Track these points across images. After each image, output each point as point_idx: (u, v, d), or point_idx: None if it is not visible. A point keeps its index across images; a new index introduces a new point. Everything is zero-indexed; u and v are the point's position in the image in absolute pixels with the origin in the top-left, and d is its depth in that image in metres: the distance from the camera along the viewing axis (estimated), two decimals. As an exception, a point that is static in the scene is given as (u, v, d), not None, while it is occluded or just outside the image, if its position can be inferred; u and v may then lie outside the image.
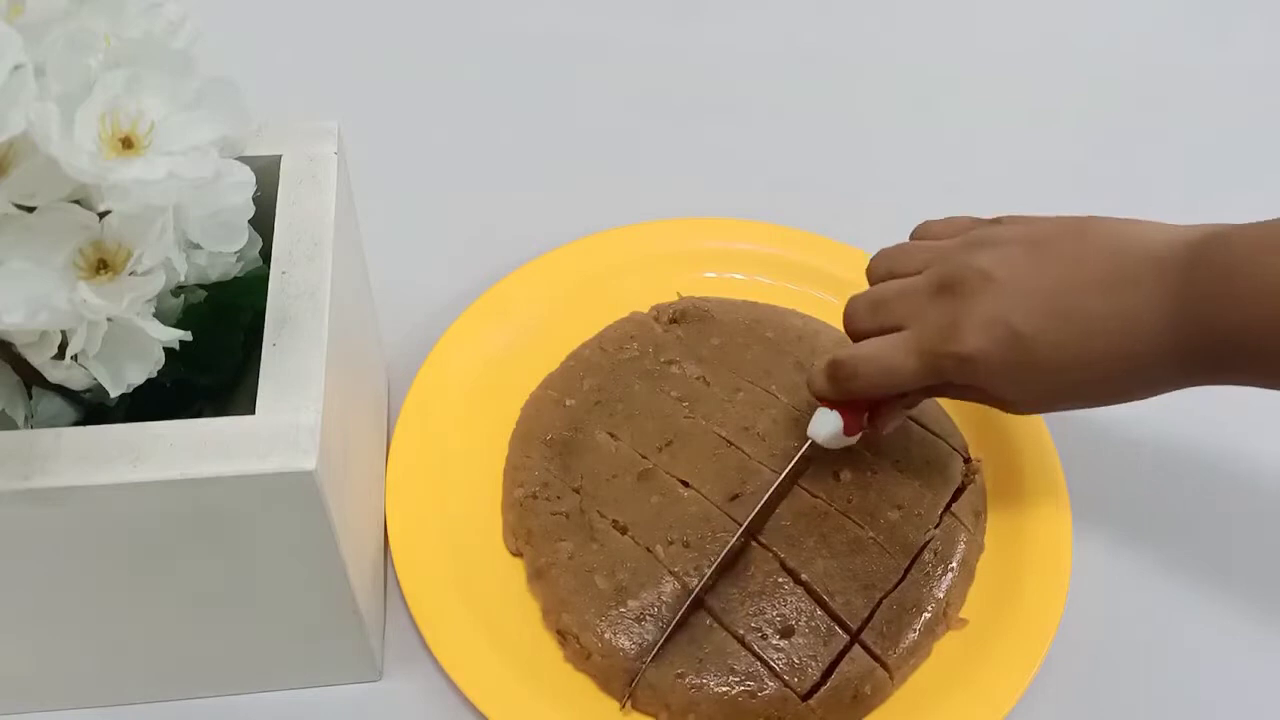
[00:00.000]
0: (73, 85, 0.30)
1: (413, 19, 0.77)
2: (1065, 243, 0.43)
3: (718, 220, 0.62)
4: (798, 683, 0.44)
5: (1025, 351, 0.41)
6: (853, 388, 0.46)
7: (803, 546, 0.47)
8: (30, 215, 0.30)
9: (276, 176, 0.41)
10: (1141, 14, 0.82)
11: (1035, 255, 0.43)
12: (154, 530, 0.35)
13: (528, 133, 0.70)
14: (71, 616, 0.39)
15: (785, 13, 0.79)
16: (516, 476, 0.50)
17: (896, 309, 0.45)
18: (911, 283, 0.45)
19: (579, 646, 0.45)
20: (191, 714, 0.44)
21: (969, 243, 0.45)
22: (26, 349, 0.33)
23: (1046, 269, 0.42)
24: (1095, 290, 0.41)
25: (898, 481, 0.50)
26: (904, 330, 0.44)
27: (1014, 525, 0.50)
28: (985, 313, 0.42)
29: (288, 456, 0.33)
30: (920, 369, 0.43)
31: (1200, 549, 0.51)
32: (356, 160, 0.45)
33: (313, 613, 0.41)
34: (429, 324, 0.56)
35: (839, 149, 0.70)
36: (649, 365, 0.54)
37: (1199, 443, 0.55)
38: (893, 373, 0.44)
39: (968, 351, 0.42)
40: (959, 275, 0.43)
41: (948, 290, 0.43)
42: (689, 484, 0.49)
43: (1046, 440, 0.52)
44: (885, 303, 0.46)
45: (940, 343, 0.43)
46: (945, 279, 0.44)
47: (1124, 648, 0.48)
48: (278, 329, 0.36)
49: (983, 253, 0.43)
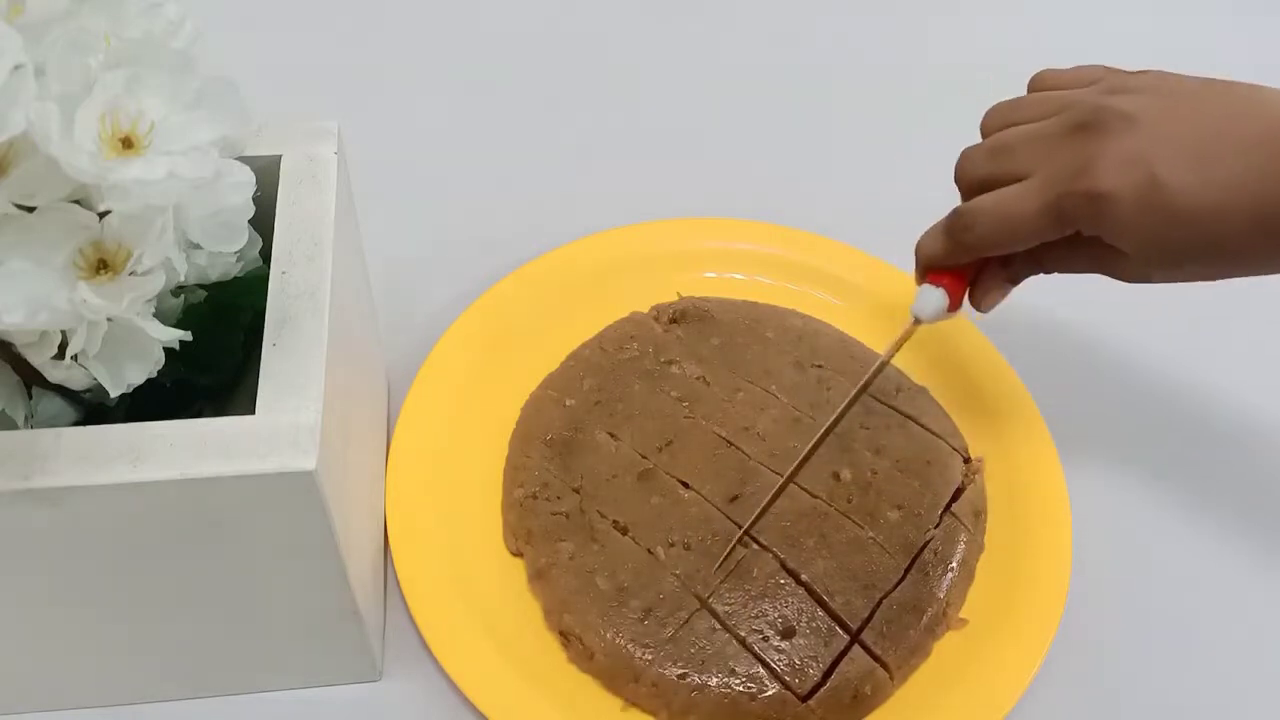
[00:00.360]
0: (73, 85, 0.30)
1: (412, 19, 0.77)
2: (1210, 98, 0.42)
3: (718, 220, 0.62)
4: (798, 684, 0.44)
5: (1162, 197, 0.40)
6: (969, 240, 0.44)
7: (803, 547, 0.47)
8: (30, 215, 0.30)
9: (276, 176, 0.41)
10: (1141, 14, 0.82)
11: (1180, 105, 0.41)
12: (154, 530, 0.35)
13: (528, 133, 0.70)
14: (71, 616, 0.39)
15: (786, 13, 0.80)
16: (516, 476, 0.50)
17: (1022, 154, 0.43)
18: (1040, 126, 0.43)
19: (582, 647, 0.45)
20: (191, 714, 0.44)
21: (1108, 88, 0.43)
22: (26, 349, 0.33)
23: (1191, 120, 0.41)
24: (1239, 148, 0.40)
25: (898, 481, 0.50)
26: (1029, 178, 0.42)
27: (1014, 525, 0.50)
28: (1125, 152, 0.40)
29: (288, 456, 0.33)
30: (1043, 214, 0.42)
31: (1201, 549, 0.51)
32: (356, 160, 0.45)
33: (313, 613, 0.41)
34: (429, 324, 0.56)
35: (839, 149, 0.70)
36: (649, 365, 0.54)
37: (1200, 443, 0.56)
38: (1013, 220, 0.42)
39: (1102, 189, 0.40)
40: (1098, 116, 0.41)
41: (1084, 130, 0.41)
42: (689, 484, 0.49)
43: (1046, 440, 0.52)
44: (1009, 148, 0.44)
45: (1071, 180, 0.41)
46: (1082, 119, 0.42)
47: (1124, 648, 0.48)
48: (278, 329, 0.36)
49: (1124, 97, 0.42)
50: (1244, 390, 0.58)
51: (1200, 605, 0.50)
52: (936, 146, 0.70)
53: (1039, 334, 0.59)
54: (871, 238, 0.60)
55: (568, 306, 0.57)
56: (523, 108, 0.71)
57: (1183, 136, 0.40)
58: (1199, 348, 0.59)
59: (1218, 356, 0.59)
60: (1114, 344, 0.58)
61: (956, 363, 0.55)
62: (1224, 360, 0.59)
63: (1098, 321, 0.60)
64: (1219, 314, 0.61)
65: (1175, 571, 0.51)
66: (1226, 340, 0.60)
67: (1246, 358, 0.59)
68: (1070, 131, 0.42)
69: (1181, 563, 0.51)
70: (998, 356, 0.55)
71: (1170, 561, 0.51)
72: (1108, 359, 0.58)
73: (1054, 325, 0.51)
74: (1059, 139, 0.42)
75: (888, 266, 0.59)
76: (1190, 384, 0.58)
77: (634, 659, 0.44)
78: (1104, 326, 0.60)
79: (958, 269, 0.46)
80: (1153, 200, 0.40)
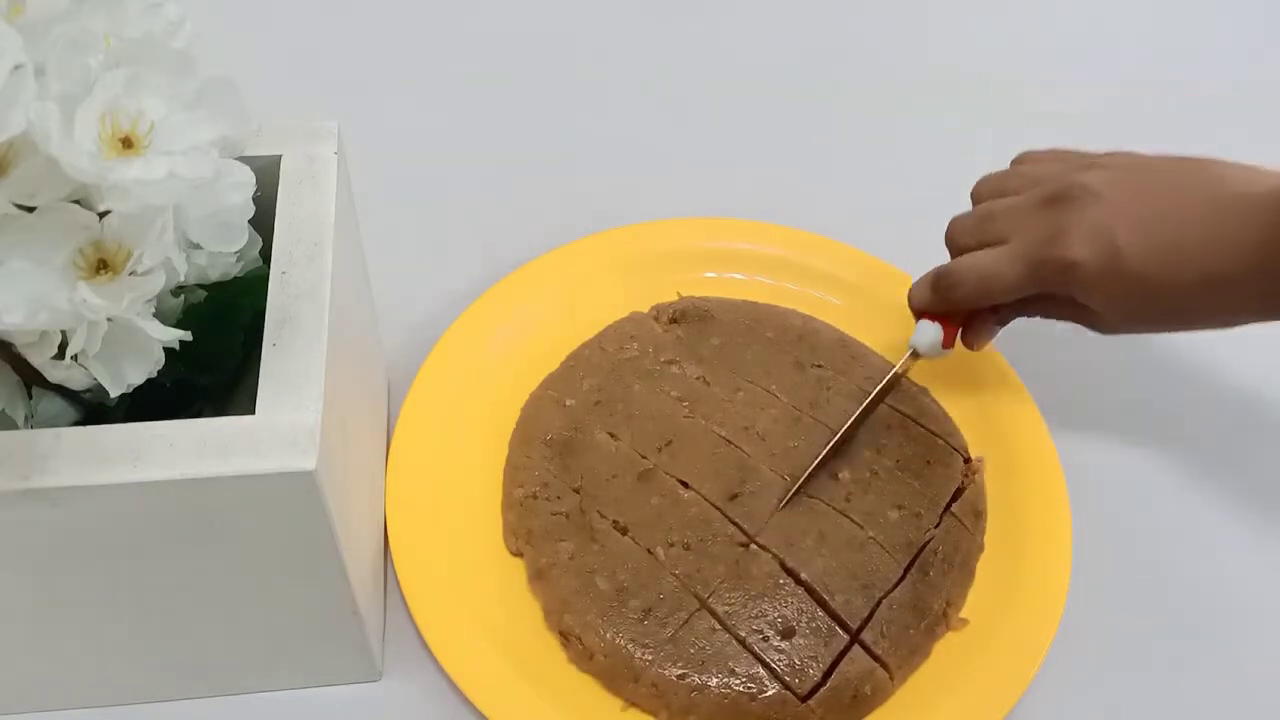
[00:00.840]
0: (73, 85, 0.30)
1: (412, 19, 0.77)
2: (1171, 174, 0.46)
3: (718, 220, 0.62)
4: (798, 684, 0.44)
5: (1123, 267, 0.44)
6: (954, 296, 0.48)
7: (802, 547, 0.47)
8: (30, 215, 0.30)
9: (276, 176, 0.41)
10: (1141, 15, 0.82)
11: (1141, 180, 0.46)
12: (154, 530, 0.35)
13: (527, 133, 0.70)
14: (71, 616, 0.39)
15: (787, 13, 0.80)
16: (516, 476, 0.50)
17: (1002, 222, 0.48)
18: (1018, 199, 0.48)
19: (582, 647, 0.45)
20: (191, 714, 0.44)
21: (1077, 165, 0.48)
22: (26, 349, 0.33)
23: (1151, 194, 0.45)
24: (1193, 221, 0.44)
25: (898, 481, 0.50)
26: (1007, 244, 0.47)
27: (1014, 525, 0.50)
28: (1091, 223, 0.45)
29: (288, 456, 0.33)
30: (1021, 276, 0.46)
31: (1201, 549, 0.51)
32: (356, 160, 0.45)
33: (313, 613, 0.41)
34: (429, 324, 0.56)
35: (839, 149, 0.70)
36: (649, 365, 0.54)
37: (1200, 443, 0.56)
38: (994, 280, 0.47)
39: (1071, 257, 0.45)
40: (1068, 191, 0.46)
41: (1055, 203, 0.46)
42: (689, 484, 0.49)
43: (1046, 440, 0.52)
44: (991, 217, 0.48)
45: (1045, 248, 0.46)
46: (1054, 194, 0.46)
47: (1124, 648, 0.48)
48: (278, 329, 0.36)
49: (1092, 174, 0.47)
50: (1244, 390, 0.58)
51: (1200, 605, 0.50)
52: (936, 147, 0.70)
53: (1039, 334, 0.59)
54: (871, 238, 0.60)
55: (568, 306, 0.57)
56: (522, 107, 0.71)
57: (1143, 211, 0.45)
58: (1199, 348, 0.59)
59: (1218, 357, 0.59)
60: (1114, 344, 0.58)
61: (956, 363, 0.55)
62: (1224, 361, 0.59)
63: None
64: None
65: (1175, 571, 0.51)
66: (1227, 340, 0.60)
67: (1246, 358, 0.59)
68: (1044, 204, 0.47)
69: (1181, 562, 0.51)
70: (998, 356, 0.55)
71: (1170, 561, 0.51)
72: (1108, 359, 0.58)
73: (1054, 326, 0.51)
74: (1034, 210, 0.47)
75: (888, 266, 0.59)
76: (1191, 384, 0.58)
77: (634, 659, 0.44)
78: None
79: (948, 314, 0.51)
80: (1115, 266, 0.45)
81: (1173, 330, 0.48)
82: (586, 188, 0.66)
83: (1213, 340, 0.59)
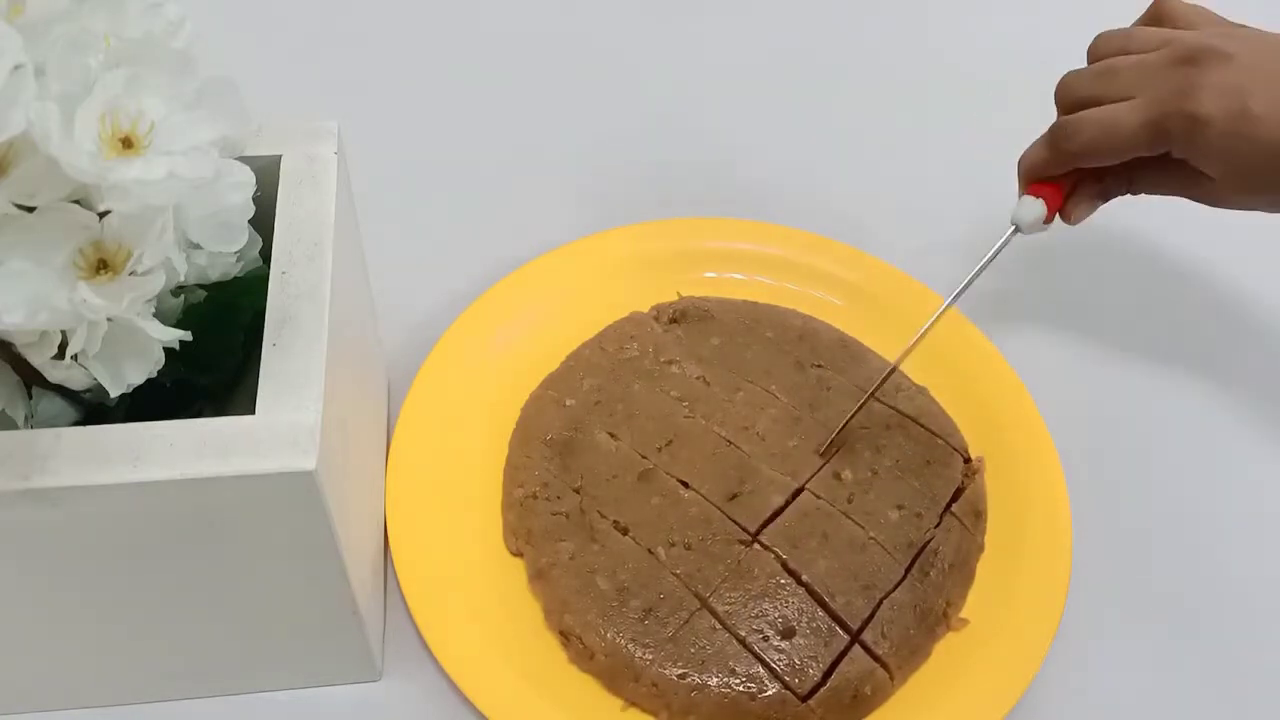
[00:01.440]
0: (73, 85, 0.30)
1: (412, 19, 0.77)
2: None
3: (718, 220, 0.62)
4: (798, 684, 0.44)
5: (1251, 127, 0.44)
6: (1071, 147, 0.47)
7: (804, 547, 0.47)
8: (30, 215, 0.30)
9: (276, 176, 0.40)
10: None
11: (1274, 49, 0.46)
12: (154, 530, 0.35)
13: (527, 133, 0.70)
14: (71, 616, 0.39)
15: (787, 13, 0.80)
16: (516, 476, 0.50)
17: (1127, 77, 0.47)
18: (1147, 56, 0.47)
19: (583, 647, 0.45)
20: (191, 714, 0.44)
21: (1210, 33, 0.47)
22: (26, 349, 0.33)
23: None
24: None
25: (898, 481, 0.50)
26: (1131, 100, 0.46)
27: (1014, 525, 0.50)
28: (1224, 83, 0.44)
29: (288, 456, 0.33)
30: (1143, 129, 0.45)
31: (1200, 549, 0.51)
32: (356, 160, 0.45)
33: (313, 613, 0.41)
34: (429, 324, 0.56)
35: (840, 149, 0.70)
36: (649, 365, 0.54)
37: (1200, 443, 0.56)
38: (1115, 130, 0.46)
39: (1202, 113, 0.44)
40: (1202, 51, 0.45)
41: (1188, 62, 0.45)
42: (689, 484, 0.49)
43: (1046, 440, 0.52)
44: (1114, 72, 0.47)
45: (1172, 101, 0.45)
46: (1187, 53, 0.46)
47: (1124, 648, 0.48)
48: (278, 329, 0.36)
49: (1225, 39, 0.46)
50: (1244, 391, 0.58)
51: (1200, 605, 0.50)
52: (937, 147, 0.70)
53: (1039, 334, 0.59)
54: (871, 238, 0.60)
55: (568, 306, 0.57)
56: (522, 107, 0.71)
57: (1275, 76, 0.44)
58: (1200, 348, 0.59)
59: (1218, 357, 0.59)
60: (1114, 344, 0.58)
61: (956, 363, 0.55)
62: (1224, 361, 0.59)
63: (1098, 322, 0.60)
64: (1220, 314, 0.61)
65: (1175, 571, 0.51)
66: (1227, 341, 0.60)
67: (1246, 358, 0.59)
68: (1175, 62, 0.46)
69: (1181, 562, 0.51)
70: (998, 356, 0.55)
71: (1170, 561, 0.51)
72: (1108, 359, 0.58)
73: (1054, 325, 0.51)
74: (1164, 68, 0.46)
75: (888, 266, 0.59)
76: (1191, 384, 0.58)
77: (634, 659, 0.44)
78: (1104, 327, 0.60)
79: (1054, 183, 0.49)
80: (1242, 128, 0.44)
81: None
82: (586, 188, 0.66)
83: (1215, 340, 0.59)
